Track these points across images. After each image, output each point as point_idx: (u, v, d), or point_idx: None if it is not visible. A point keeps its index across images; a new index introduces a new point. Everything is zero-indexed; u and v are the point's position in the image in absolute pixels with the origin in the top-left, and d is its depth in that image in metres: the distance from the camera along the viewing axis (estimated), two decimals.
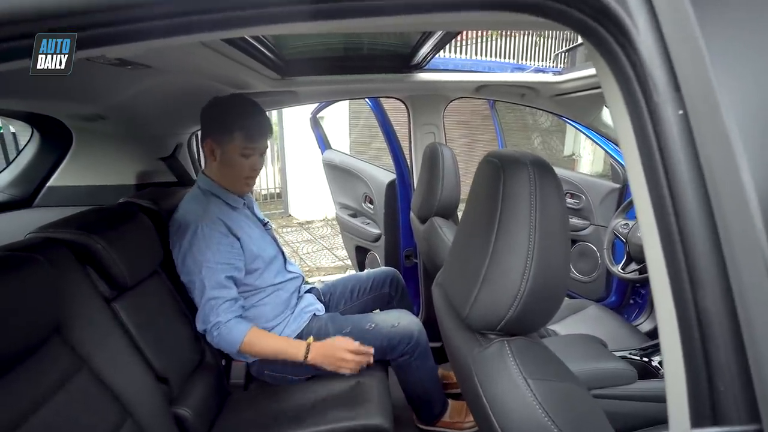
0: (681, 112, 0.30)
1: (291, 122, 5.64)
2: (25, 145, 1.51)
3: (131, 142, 1.59)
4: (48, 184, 1.49)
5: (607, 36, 0.34)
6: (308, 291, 1.55)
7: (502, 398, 0.54)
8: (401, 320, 1.40)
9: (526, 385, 0.52)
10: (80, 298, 0.98)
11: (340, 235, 4.98)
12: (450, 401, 1.54)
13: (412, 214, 1.65)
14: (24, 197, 1.47)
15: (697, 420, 0.31)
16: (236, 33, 0.51)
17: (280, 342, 1.27)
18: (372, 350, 1.28)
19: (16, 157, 1.52)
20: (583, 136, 6.58)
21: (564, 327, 1.66)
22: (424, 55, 1.40)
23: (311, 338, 1.29)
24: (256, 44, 1.02)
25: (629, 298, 2.14)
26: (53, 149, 1.50)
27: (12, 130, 3.51)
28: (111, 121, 1.40)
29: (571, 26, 0.37)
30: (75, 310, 0.94)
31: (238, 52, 0.97)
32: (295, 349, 1.24)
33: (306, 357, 1.23)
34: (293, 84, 1.48)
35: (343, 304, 1.62)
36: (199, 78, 1.20)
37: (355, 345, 1.26)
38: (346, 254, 4.41)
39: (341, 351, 1.24)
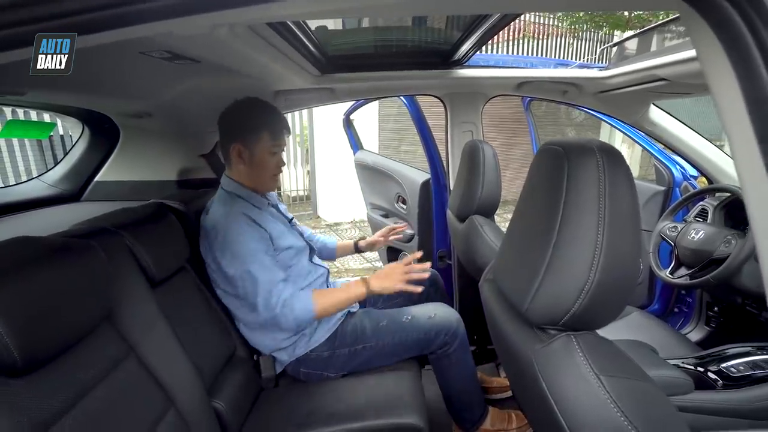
0: None
1: (320, 124, 5.70)
2: (76, 142, 1.57)
3: (174, 139, 1.63)
4: (95, 179, 1.55)
5: (725, 5, 0.31)
6: None
7: (571, 396, 0.50)
8: (438, 311, 1.39)
9: (599, 382, 0.49)
10: (129, 287, 1.00)
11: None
12: (490, 408, 1.49)
13: (449, 213, 1.63)
14: (73, 192, 1.53)
15: None
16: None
17: (341, 292, 1.28)
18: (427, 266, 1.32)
19: (67, 153, 1.58)
20: (618, 139, 6.40)
21: (606, 333, 1.59)
22: (465, 51, 1.37)
23: (367, 276, 1.31)
24: (301, 37, 1.02)
25: (674, 305, 2.04)
26: (101, 145, 1.55)
27: (60, 132, 3.70)
28: (157, 118, 1.43)
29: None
30: (124, 298, 0.96)
31: (285, 44, 0.97)
32: (357, 290, 1.27)
33: (368, 291, 1.26)
34: (332, 81, 1.48)
35: (380, 303, 1.61)
36: (242, 75, 1.21)
37: (408, 260, 1.29)
38: (374, 255, 4.43)
39: (398, 269, 1.27)
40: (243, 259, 1.20)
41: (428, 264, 1.28)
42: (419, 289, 1.25)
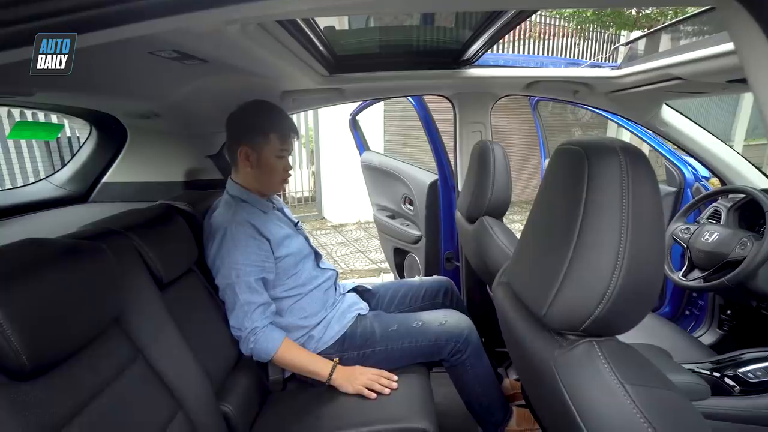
0: None
1: (326, 125, 5.70)
2: (84, 143, 1.57)
3: (181, 139, 1.63)
4: (103, 180, 1.54)
5: None
6: (350, 290, 1.52)
7: (594, 405, 0.49)
8: (449, 318, 1.37)
9: (624, 390, 0.47)
10: (137, 289, 0.99)
11: (373, 238, 5.02)
12: (515, 408, 1.47)
13: (458, 214, 1.61)
14: (81, 193, 1.53)
15: None
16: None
17: (307, 360, 1.27)
18: (395, 378, 1.27)
19: (74, 154, 1.58)
20: (626, 138, 6.36)
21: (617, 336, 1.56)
22: (475, 51, 1.36)
23: (337, 359, 1.29)
24: (311, 36, 1.01)
25: (684, 308, 2.01)
26: (109, 147, 1.55)
27: (68, 134, 3.72)
28: (164, 119, 1.43)
29: None
30: (132, 300, 0.95)
31: (294, 42, 0.96)
32: (321, 367, 1.25)
33: (330, 376, 1.24)
34: (340, 81, 1.47)
35: (393, 309, 1.59)
36: (250, 76, 1.20)
37: (378, 372, 1.26)
38: (380, 257, 4.42)
39: (364, 374, 1.25)
40: (230, 273, 1.21)
41: (395, 385, 1.25)
42: (372, 395, 1.22)
